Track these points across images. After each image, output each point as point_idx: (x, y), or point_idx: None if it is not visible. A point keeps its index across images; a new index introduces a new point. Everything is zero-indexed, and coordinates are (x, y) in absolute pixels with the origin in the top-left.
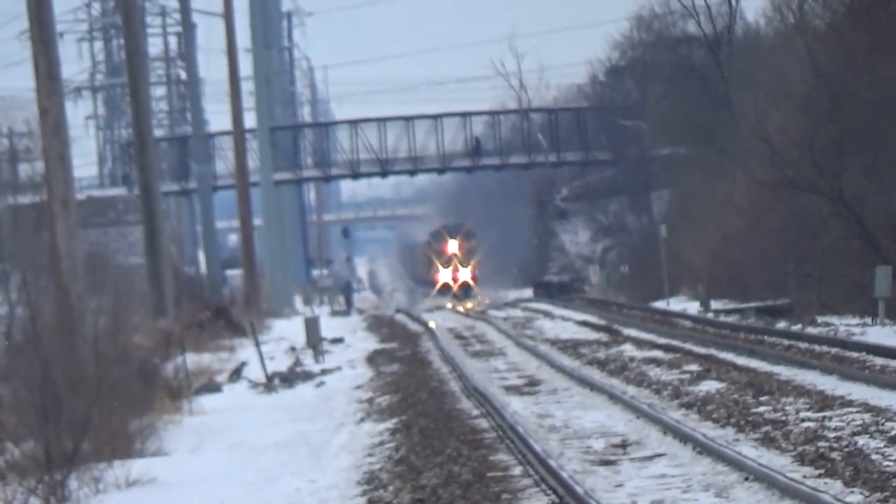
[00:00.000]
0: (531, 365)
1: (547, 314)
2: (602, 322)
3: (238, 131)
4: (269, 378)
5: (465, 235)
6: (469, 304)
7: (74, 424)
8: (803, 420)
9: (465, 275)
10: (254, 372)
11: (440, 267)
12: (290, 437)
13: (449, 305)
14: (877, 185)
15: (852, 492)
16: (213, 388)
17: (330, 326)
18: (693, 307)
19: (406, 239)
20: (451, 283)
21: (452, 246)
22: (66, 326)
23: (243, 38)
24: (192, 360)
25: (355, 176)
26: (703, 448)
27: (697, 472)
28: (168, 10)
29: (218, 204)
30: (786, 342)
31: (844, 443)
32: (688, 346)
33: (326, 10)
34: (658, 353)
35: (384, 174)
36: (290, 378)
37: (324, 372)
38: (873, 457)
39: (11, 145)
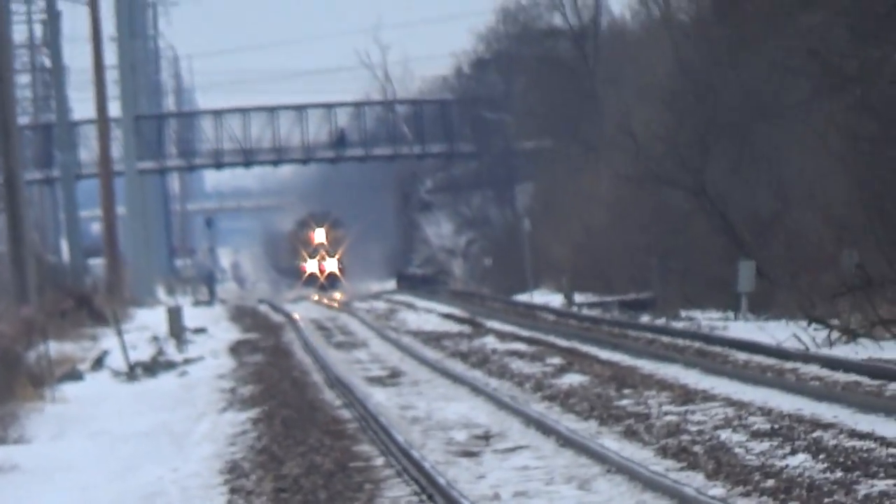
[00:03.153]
0: (394, 356)
1: (410, 306)
2: (465, 314)
3: (102, 120)
4: (132, 367)
5: (332, 224)
6: (337, 295)
7: None
8: (666, 413)
9: (332, 265)
10: (116, 361)
11: (307, 257)
12: (153, 426)
13: (315, 297)
14: (740, 181)
15: (714, 485)
16: (76, 376)
17: (193, 316)
18: (556, 300)
19: (270, 229)
20: (318, 273)
21: (319, 235)
22: None
23: (109, 26)
24: (55, 348)
25: (219, 166)
26: (566, 441)
27: (560, 464)
28: None
29: (81, 193)
30: (649, 336)
31: (707, 436)
32: (551, 339)
33: None
34: (521, 346)
35: (248, 164)
36: (153, 367)
37: (186, 361)
38: (736, 451)
39: None
